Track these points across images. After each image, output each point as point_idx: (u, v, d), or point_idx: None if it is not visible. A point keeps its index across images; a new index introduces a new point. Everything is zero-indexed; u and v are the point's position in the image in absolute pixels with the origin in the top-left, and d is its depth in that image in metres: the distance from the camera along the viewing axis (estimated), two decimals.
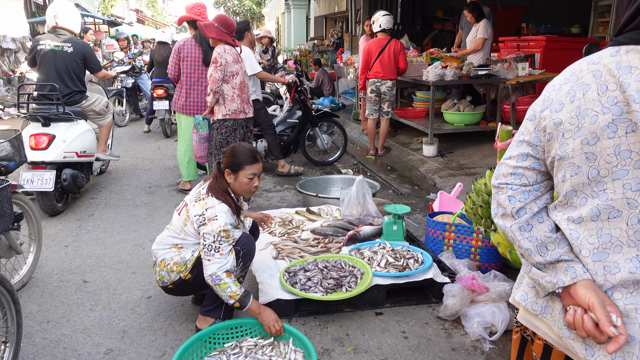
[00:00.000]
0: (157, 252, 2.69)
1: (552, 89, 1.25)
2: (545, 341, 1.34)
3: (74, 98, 4.81)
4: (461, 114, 6.55)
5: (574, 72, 1.21)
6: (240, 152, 2.64)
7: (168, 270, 2.62)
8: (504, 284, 2.81)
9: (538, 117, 1.25)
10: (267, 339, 2.47)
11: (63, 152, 4.46)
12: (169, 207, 4.83)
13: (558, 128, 1.19)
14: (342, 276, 2.94)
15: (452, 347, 2.58)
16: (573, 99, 1.17)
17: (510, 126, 2.56)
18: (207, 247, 2.47)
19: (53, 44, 4.74)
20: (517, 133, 1.34)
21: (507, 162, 1.32)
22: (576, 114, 1.16)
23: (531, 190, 1.27)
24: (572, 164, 1.17)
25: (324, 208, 4.24)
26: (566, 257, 1.21)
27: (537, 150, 1.26)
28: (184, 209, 2.67)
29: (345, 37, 13.89)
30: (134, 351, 2.56)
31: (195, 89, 5.01)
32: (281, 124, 6.32)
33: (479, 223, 2.75)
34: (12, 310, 2.23)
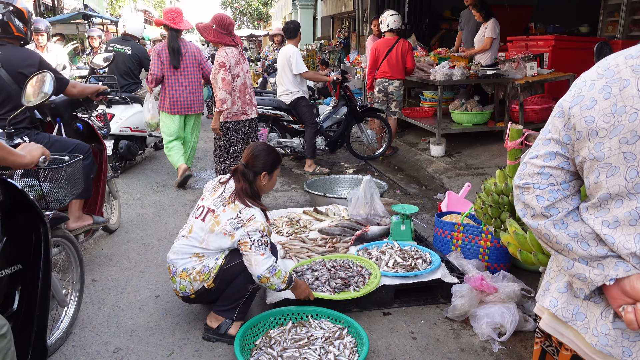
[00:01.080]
0: (176, 262, 2.62)
1: (582, 85, 1.18)
2: (573, 352, 1.27)
3: (131, 88, 6.24)
4: (469, 113, 6.52)
5: (609, 67, 1.14)
6: (272, 152, 2.72)
7: (191, 279, 2.56)
8: (513, 284, 2.79)
9: (567, 114, 1.19)
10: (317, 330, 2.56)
11: (120, 127, 5.78)
12: (176, 207, 4.85)
13: (590, 126, 1.13)
14: (350, 276, 2.93)
15: (460, 348, 2.57)
16: (608, 96, 1.11)
17: (520, 125, 2.54)
18: (256, 242, 2.46)
19: (118, 46, 6.22)
20: (542, 131, 1.28)
21: (533, 161, 1.25)
22: (611, 111, 1.10)
23: (560, 190, 1.21)
24: (608, 165, 1.11)
25: (332, 208, 4.23)
26: (614, 254, 1.13)
27: (567, 148, 1.20)
28: (209, 215, 2.59)
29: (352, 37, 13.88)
30: (142, 350, 2.57)
31: (176, 90, 5.33)
32: (328, 120, 6.38)
33: (489, 223, 2.73)
34: (77, 263, 2.77)
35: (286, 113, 6.13)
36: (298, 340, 2.47)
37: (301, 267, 3.06)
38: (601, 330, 1.16)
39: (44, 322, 1.99)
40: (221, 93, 4.43)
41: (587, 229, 1.17)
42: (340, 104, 6.37)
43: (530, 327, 2.67)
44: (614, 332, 1.15)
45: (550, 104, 6.16)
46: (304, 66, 5.89)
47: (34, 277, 1.94)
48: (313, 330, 2.56)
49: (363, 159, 6.66)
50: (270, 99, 6.20)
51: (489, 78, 6.31)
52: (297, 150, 6.26)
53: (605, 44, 2.64)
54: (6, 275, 1.85)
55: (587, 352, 1.21)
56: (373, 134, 6.61)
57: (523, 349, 2.55)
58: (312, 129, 6.00)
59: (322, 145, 6.31)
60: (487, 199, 2.73)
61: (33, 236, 1.96)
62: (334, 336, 2.50)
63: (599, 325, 1.17)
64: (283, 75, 5.96)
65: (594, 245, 1.15)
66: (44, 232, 1.97)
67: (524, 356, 2.49)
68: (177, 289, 2.63)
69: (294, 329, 2.59)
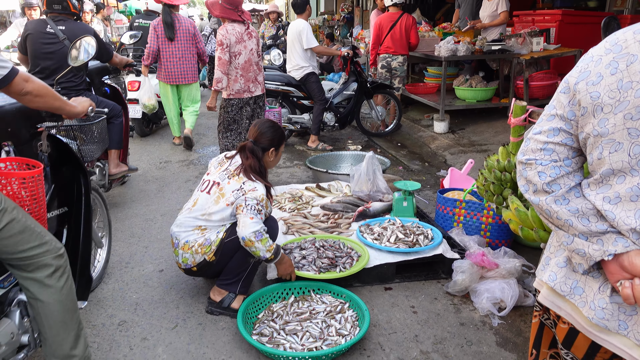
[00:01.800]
0: (179, 235, 2.65)
1: (589, 60, 1.17)
2: (570, 325, 1.28)
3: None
4: (473, 90, 6.46)
5: (617, 41, 1.13)
6: (277, 128, 2.77)
7: (193, 252, 2.59)
8: (513, 260, 2.81)
9: (573, 90, 1.18)
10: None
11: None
12: (179, 183, 4.86)
13: (595, 102, 1.12)
14: (338, 256, 2.91)
15: (460, 322, 2.60)
16: (615, 71, 1.10)
17: (524, 102, 2.52)
18: (250, 207, 2.49)
19: (142, 22, 7.02)
20: (547, 107, 1.27)
21: (536, 137, 1.24)
22: (617, 87, 1.08)
23: (562, 166, 1.20)
24: (611, 141, 1.10)
25: (334, 184, 4.24)
26: (613, 230, 1.13)
27: (571, 124, 1.19)
28: (214, 188, 2.64)
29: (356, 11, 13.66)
30: (147, 323, 2.61)
31: (170, 61, 5.73)
32: (338, 96, 6.32)
33: (491, 200, 2.73)
34: (104, 211, 3.10)
35: (296, 89, 6.08)
36: (300, 314, 2.50)
37: (290, 245, 3.06)
38: (598, 304, 1.18)
39: (87, 255, 2.42)
40: (216, 72, 4.48)
41: (588, 205, 1.17)
42: (351, 80, 6.31)
43: (530, 302, 2.69)
44: (611, 306, 1.16)
45: (556, 80, 6.09)
46: (314, 41, 5.83)
47: (78, 218, 2.38)
48: (315, 305, 2.59)
49: (372, 135, 6.63)
50: (280, 75, 6.15)
51: (494, 53, 6.22)
52: (307, 126, 6.22)
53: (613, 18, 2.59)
54: (55, 216, 2.29)
55: (584, 325, 1.23)
56: (383, 110, 6.57)
57: (522, 324, 2.58)
58: (320, 105, 5.96)
59: (332, 122, 6.27)
60: (490, 176, 2.73)
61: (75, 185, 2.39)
62: (336, 310, 2.53)
63: (597, 299, 1.18)
64: (293, 50, 5.90)
65: (594, 221, 1.15)
66: (84, 181, 2.40)
67: (524, 330, 2.52)
68: (179, 262, 2.66)
69: (296, 303, 2.62)
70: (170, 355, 2.36)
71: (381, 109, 6.55)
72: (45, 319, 1.85)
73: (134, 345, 2.43)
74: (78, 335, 1.93)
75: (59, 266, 1.86)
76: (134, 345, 2.43)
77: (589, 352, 1.26)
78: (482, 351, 2.38)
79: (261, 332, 2.39)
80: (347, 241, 3.14)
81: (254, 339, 2.32)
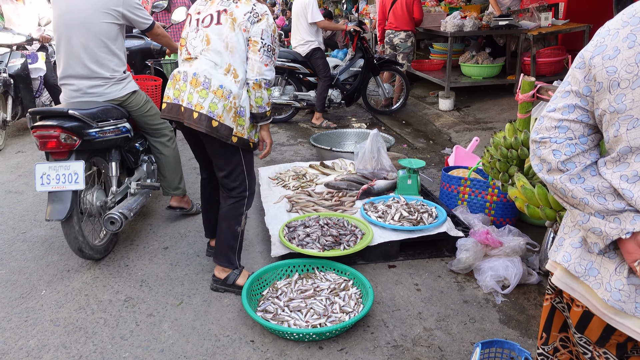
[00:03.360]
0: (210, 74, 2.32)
1: (606, 34, 1.13)
2: (584, 308, 1.25)
3: None
4: (479, 66, 6.37)
5: (635, 13, 1.08)
6: None
7: (226, 107, 2.31)
8: (518, 238, 2.81)
9: (588, 64, 1.14)
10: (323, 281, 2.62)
11: None
12: (183, 160, 4.85)
13: (611, 77, 1.08)
14: (342, 234, 2.91)
15: (464, 300, 2.61)
16: (633, 44, 1.05)
17: (533, 77, 2.47)
18: (265, 47, 2.34)
19: None
20: (562, 83, 1.22)
21: (550, 114, 1.20)
22: (635, 60, 1.05)
23: (577, 144, 1.17)
24: (629, 117, 1.06)
25: (338, 162, 4.22)
26: (631, 208, 1.10)
27: (587, 101, 1.15)
28: (222, 16, 2.34)
29: None
30: (153, 299, 2.63)
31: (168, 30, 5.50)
32: (344, 73, 6.23)
33: (497, 177, 2.71)
34: None
35: (302, 65, 6.00)
36: (304, 291, 2.52)
37: (294, 222, 3.06)
38: (614, 286, 1.15)
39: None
40: None
41: (605, 183, 1.14)
42: (357, 56, 6.21)
43: (534, 281, 2.70)
44: (628, 287, 1.14)
45: (564, 56, 5.98)
46: (319, 14, 5.74)
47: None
48: (319, 282, 2.60)
49: (379, 113, 6.57)
50: (286, 51, 6.05)
51: (501, 29, 6.11)
52: (313, 103, 6.16)
53: None
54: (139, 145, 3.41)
55: (598, 307, 1.21)
56: (390, 88, 6.49)
57: (525, 301, 2.58)
58: (325, 82, 5.89)
59: (339, 99, 6.18)
60: (496, 153, 2.70)
61: None
62: (340, 287, 2.54)
63: (613, 280, 1.16)
64: (298, 25, 5.82)
65: (611, 200, 1.13)
66: None
67: (527, 308, 2.53)
68: (202, 104, 2.31)
69: (300, 280, 2.63)
70: (176, 331, 2.38)
71: (388, 86, 6.48)
72: (165, 165, 3.38)
73: (140, 322, 2.46)
74: (181, 177, 3.46)
75: (172, 137, 3.42)
76: (140, 322, 2.46)
77: (603, 335, 1.23)
78: (485, 328, 2.39)
79: (265, 309, 2.41)
80: (351, 219, 3.14)
81: (259, 316, 2.34)
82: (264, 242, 3.20)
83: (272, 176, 4.01)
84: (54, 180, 2.68)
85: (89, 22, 2.92)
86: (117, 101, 3.06)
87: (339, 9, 13.84)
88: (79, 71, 2.97)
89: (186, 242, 3.23)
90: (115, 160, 3.07)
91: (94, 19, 2.92)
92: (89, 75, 2.98)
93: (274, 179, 3.95)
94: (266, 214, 3.31)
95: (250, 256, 3.06)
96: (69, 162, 2.71)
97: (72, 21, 2.93)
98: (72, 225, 2.73)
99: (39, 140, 2.68)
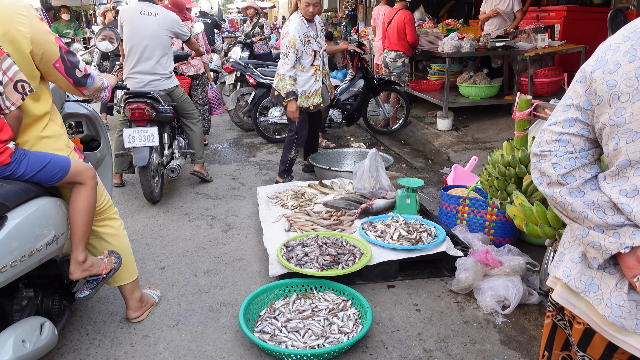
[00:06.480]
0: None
1: (607, 48, 1.14)
2: (586, 325, 1.23)
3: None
4: (477, 87, 6.42)
5: (636, 28, 1.09)
6: None
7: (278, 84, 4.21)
8: (518, 258, 2.78)
9: (589, 78, 1.14)
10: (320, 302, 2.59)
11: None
12: (181, 180, 4.85)
13: (611, 91, 1.08)
14: (341, 254, 2.89)
15: (464, 320, 2.58)
16: (633, 59, 1.06)
17: (529, 95, 2.49)
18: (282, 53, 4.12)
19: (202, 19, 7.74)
20: (563, 97, 1.23)
21: (551, 128, 1.21)
22: (635, 74, 1.05)
23: (578, 158, 1.16)
24: (628, 130, 1.06)
25: (337, 181, 4.21)
26: (631, 223, 1.10)
27: (588, 114, 1.15)
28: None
29: (359, 8, 13.61)
30: (148, 320, 2.59)
31: None
32: (345, 93, 6.26)
33: (495, 195, 2.70)
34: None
35: None
36: (302, 311, 2.48)
37: (293, 242, 3.04)
38: (615, 302, 1.13)
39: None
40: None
41: (604, 197, 1.13)
42: (357, 77, 6.26)
43: (535, 301, 2.67)
44: (629, 303, 1.12)
45: (561, 77, 6.03)
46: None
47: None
48: (317, 302, 2.57)
49: (380, 133, 6.59)
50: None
51: (498, 50, 6.17)
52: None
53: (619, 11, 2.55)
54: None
55: (599, 324, 1.19)
56: (390, 108, 6.52)
57: (526, 322, 2.55)
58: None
59: (339, 119, 6.20)
60: (494, 171, 2.70)
61: None
62: (338, 308, 2.51)
63: (613, 296, 1.14)
64: None
65: (611, 214, 1.12)
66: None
67: (528, 329, 2.49)
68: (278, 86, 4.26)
69: (298, 300, 2.60)
70: (172, 352, 2.34)
71: (388, 106, 6.51)
72: (194, 139, 4.54)
73: (135, 343, 2.42)
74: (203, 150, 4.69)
75: (199, 119, 4.60)
76: (135, 343, 2.42)
77: (606, 353, 1.21)
78: (486, 349, 2.35)
79: (263, 330, 2.38)
80: (350, 238, 3.12)
81: (256, 337, 2.30)
82: (262, 261, 3.18)
83: (270, 195, 4.00)
84: (137, 139, 3.90)
85: (156, 35, 4.15)
86: (167, 91, 4.25)
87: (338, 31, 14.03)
88: (145, 69, 4.15)
89: (183, 262, 3.21)
90: (167, 132, 4.25)
91: (159, 34, 4.17)
92: (152, 71, 4.17)
93: (273, 198, 3.94)
94: (264, 234, 3.29)
95: (248, 276, 3.03)
96: (147, 127, 3.92)
97: (144, 34, 4.12)
98: (147, 172, 3.95)
99: (130, 111, 3.88)
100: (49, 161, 1.95)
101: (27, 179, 1.90)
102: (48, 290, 2.14)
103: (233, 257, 3.28)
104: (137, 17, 4.15)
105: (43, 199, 1.97)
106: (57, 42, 2.01)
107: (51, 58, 1.98)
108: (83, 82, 2.12)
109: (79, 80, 2.10)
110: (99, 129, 3.07)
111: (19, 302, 2.01)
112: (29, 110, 1.95)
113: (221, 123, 7.55)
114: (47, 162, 1.94)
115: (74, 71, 2.08)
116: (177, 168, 4.12)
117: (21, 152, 1.89)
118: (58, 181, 1.99)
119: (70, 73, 2.06)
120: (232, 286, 2.92)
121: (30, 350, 1.79)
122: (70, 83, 2.09)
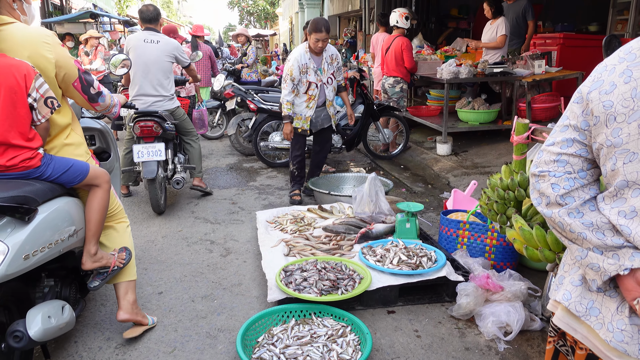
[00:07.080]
0: None
1: (603, 70, 1.15)
2: (588, 350, 1.21)
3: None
4: (476, 112, 6.46)
5: (632, 50, 1.11)
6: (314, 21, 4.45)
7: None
8: (519, 283, 2.75)
9: (585, 99, 1.15)
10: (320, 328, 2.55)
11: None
12: (181, 204, 4.84)
13: (608, 111, 1.09)
14: (340, 279, 2.86)
15: (465, 347, 2.53)
16: (629, 80, 1.07)
17: (527, 119, 2.50)
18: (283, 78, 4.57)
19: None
20: (561, 117, 1.23)
21: (549, 148, 1.21)
22: (631, 95, 1.06)
23: (576, 178, 1.16)
24: (625, 151, 1.07)
25: (336, 206, 4.20)
26: (630, 244, 1.08)
27: (585, 135, 1.16)
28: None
29: (359, 36, 13.83)
30: (144, 346, 2.55)
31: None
32: (345, 118, 6.27)
33: (494, 219, 2.69)
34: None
35: None
36: (301, 337, 2.44)
37: (292, 267, 3.01)
38: (617, 326, 1.11)
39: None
40: None
41: (603, 219, 1.12)
42: (357, 102, 6.32)
43: (537, 327, 2.62)
44: (631, 327, 1.10)
45: (558, 102, 6.08)
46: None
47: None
48: (316, 328, 2.53)
49: (380, 158, 6.61)
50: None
51: (496, 76, 6.24)
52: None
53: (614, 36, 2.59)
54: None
55: (601, 349, 1.16)
56: (390, 133, 6.56)
57: (529, 348, 2.50)
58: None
59: (339, 144, 6.23)
60: (493, 195, 2.69)
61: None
62: (337, 334, 2.47)
63: (615, 320, 1.12)
64: None
65: (610, 236, 1.11)
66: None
67: (530, 355, 2.45)
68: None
69: (296, 326, 2.56)
70: None
71: (388, 131, 6.55)
72: (193, 156, 4.84)
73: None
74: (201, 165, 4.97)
75: (198, 137, 4.94)
76: None
77: None
78: None
79: (261, 357, 2.33)
80: (350, 263, 3.09)
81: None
82: (260, 286, 3.14)
83: (269, 220, 3.99)
84: (146, 154, 4.28)
85: (158, 60, 4.51)
86: (169, 111, 4.59)
87: None
88: (150, 91, 4.52)
89: (181, 287, 3.17)
90: (170, 148, 4.57)
91: (162, 59, 4.53)
92: (155, 94, 4.53)
93: (272, 223, 3.93)
94: (263, 258, 3.26)
95: (246, 301, 2.99)
96: (154, 143, 4.31)
97: (148, 60, 4.46)
98: (155, 185, 4.29)
99: (140, 128, 4.24)
100: (72, 165, 2.25)
101: (53, 180, 2.19)
102: (66, 280, 2.43)
103: (231, 282, 3.25)
104: (142, 45, 4.51)
105: (65, 198, 2.26)
106: (75, 64, 2.33)
107: (71, 78, 2.31)
108: (96, 99, 2.46)
109: (93, 96, 2.44)
110: (110, 142, 3.36)
111: (42, 289, 2.32)
112: (54, 121, 2.26)
113: (221, 148, 7.58)
114: (69, 166, 2.24)
115: (89, 89, 2.40)
116: (182, 180, 4.53)
117: (49, 157, 2.20)
118: (78, 183, 2.28)
119: (85, 90, 2.39)
120: (230, 312, 2.88)
121: (54, 325, 2.08)
122: (85, 99, 2.42)
